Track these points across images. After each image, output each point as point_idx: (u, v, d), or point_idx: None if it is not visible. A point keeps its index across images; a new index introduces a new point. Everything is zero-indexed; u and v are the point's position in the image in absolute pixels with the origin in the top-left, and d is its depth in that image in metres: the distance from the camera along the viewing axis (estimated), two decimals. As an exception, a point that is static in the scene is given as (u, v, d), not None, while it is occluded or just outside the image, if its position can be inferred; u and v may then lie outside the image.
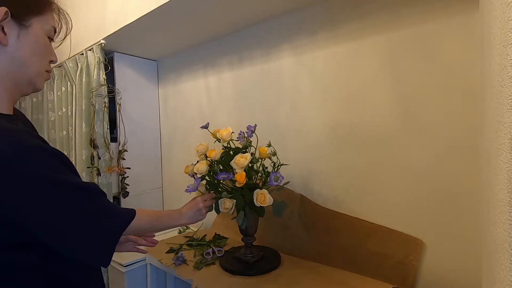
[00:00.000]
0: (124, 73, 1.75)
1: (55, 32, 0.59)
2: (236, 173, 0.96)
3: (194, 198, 0.92)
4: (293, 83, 1.25)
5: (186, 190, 0.99)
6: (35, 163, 0.46)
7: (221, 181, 1.02)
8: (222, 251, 1.18)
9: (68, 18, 0.62)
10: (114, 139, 1.69)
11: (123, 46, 1.65)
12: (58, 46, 0.62)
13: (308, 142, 1.21)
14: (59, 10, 0.60)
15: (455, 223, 0.88)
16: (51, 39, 0.58)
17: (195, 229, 1.51)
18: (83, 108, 1.59)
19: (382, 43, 1.00)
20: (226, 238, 1.36)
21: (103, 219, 0.54)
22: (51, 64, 0.61)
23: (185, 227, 1.54)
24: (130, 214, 0.62)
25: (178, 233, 1.51)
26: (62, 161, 0.51)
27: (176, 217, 0.82)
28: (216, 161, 1.04)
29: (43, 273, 0.53)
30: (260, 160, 1.06)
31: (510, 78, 0.34)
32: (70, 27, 0.63)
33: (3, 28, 0.50)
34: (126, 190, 1.69)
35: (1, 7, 0.49)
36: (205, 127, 1.14)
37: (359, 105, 1.06)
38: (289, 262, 1.10)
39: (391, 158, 1.00)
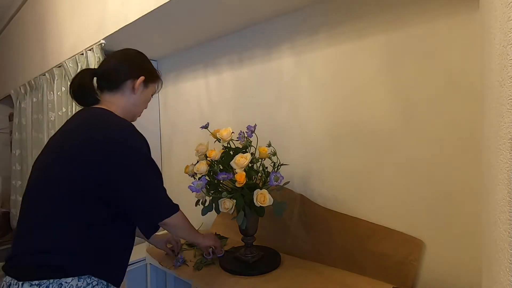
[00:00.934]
0: (124, 73, 1.74)
1: (155, 92, 1.00)
2: (236, 173, 0.96)
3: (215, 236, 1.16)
4: (293, 83, 1.25)
5: (190, 187, 0.99)
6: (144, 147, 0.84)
7: (221, 181, 1.02)
8: (222, 251, 1.18)
9: (160, 86, 1.02)
10: (114, 139, 1.68)
11: (123, 46, 1.64)
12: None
13: (308, 142, 1.21)
14: (160, 82, 1.01)
15: (455, 223, 0.88)
16: (151, 96, 0.99)
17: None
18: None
19: (382, 43, 1.00)
20: (226, 238, 1.36)
21: (164, 199, 0.85)
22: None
23: None
24: (176, 208, 0.87)
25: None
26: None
27: (198, 236, 1.04)
28: (216, 161, 1.04)
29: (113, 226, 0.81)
30: (260, 160, 1.06)
31: (510, 78, 0.34)
32: (159, 91, 1.04)
33: (138, 86, 0.90)
34: (126, 190, 1.69)
35: (142, 77, 0.91)
36: (205, 127, 1.14)
37: (359, 105, 1.06)
38: (289, 262, 1.10)
39: (391, 158, 1.00)
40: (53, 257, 0.71)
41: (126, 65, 0.91)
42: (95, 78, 0.91)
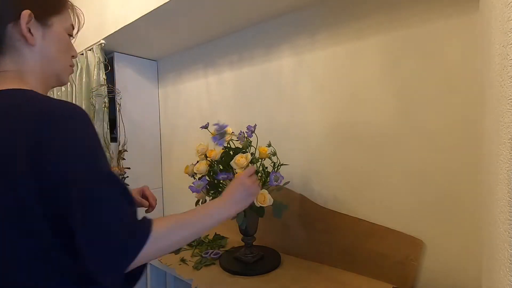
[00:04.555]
0: (124, 73, 1.75)
1: (73, 28, 0.63)
2: (236, 173, 0.96)
3: (236, 177, 0.75)
4: (293, 83, 1.25)
5: (190, 187, 0.99)
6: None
7: (221, 181, 1.02)
8: (219, 253, 1.18)
9: (80, 14, 0.66)
10: (114, 139, 1.69)
11: (123, 46, 1.65)
12: (74, 41, 0.65)
13: (308, 142, 1.21)
14: (72, 7, 0.63)
15: (455, 222, 0.88)
16: (70, 35, 0.62)
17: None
18: (83, 108, 1.59)
19: (382, 43, 1.00)
20: (226, 238, 1.36)
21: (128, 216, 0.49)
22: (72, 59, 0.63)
23: None
24: (145, 231, 0.50)
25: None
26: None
27: (218, 211, 0.65)
28: (216, 161, 1.04)
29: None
30: (260, 160, 1.06)
31: (510, 78, 0.34)
32: (83, 22, 0.66)
33: (29, 30, 0.53)
34: (126, 190, 1.69)
35: (25, 11, 0.52)
36: (205, 127, 1.14)
37: (359, 105, 1.06)
38: (289, 262, 1.10)
39: (391, 158, 1.00)
40: None
41: None
42: None
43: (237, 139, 1.09)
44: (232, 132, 0.99)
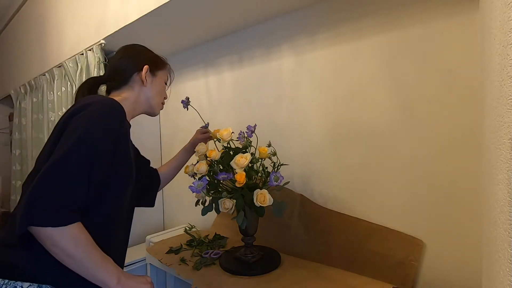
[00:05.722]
0: (124, 73, 1.74)
1: (168, 79, 0.98)
2: (236, 173, 0.96)
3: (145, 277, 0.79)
4: (293, 83, 1.25)
5: (190, 188, 0.99)
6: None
7: (221, 181, 1.02)
8: (219, 253, 1.18)
9: (172, 72, 1.00)
10: (114, 139, 1.68)
11: (123, 46, 1.65)
12: (167, 89, 0.99)
13: (308, 142, 1.21)
14: (169, 67, 0.98)
15: (455, 223, 0.88)
16: (165, 83, 0.97)
17: (199, 229, 1.51)
18: (83, 108, 1.59)
19: (382, 43, 1.00)
20: (226, 238, 1.36)
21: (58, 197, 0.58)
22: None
23: (190, 226, 1.53)
24: (62, 220, 0.58)
25: (184, 231, 1.49)
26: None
27: (109, 274, 0.65)
28: (216, 161, 1.04)
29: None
30: (260, 160, 1.06)
31: (510, 78, 0.34)
32: (173, 78, 1.01)
33: (145, 77, 0.87)
34: (126, 190, 1.69)
35: (146, 65, 0.87)
36: (205, 127, 1.14)
37: (359, 105, 1.06)
38: (289, 262, 1.10)
39: (391, 158, 1.00)
40: (14, 253, 0.62)
41: (127, 60, 0.88)
42: (101, 86, 0.90)
43: (237, 139, 1.09)
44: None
